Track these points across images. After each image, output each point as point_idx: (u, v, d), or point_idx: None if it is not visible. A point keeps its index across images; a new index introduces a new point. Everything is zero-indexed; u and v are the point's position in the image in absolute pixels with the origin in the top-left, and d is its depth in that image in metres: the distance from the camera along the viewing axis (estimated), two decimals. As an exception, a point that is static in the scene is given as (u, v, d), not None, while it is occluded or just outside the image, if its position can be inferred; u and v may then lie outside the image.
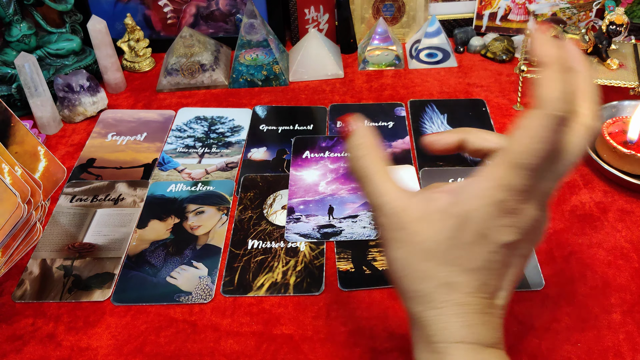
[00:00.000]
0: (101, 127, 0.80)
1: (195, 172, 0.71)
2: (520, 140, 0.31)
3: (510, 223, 0.32)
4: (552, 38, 0.32)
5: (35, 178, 0.50)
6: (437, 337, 0.33)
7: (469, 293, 0.33)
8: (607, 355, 0.49)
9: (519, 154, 0.31)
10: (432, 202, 0.34)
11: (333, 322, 0.53)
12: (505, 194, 0.31)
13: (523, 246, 0.34)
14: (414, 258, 0.34)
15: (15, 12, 0.81)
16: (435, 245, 0.33)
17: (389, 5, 0.94)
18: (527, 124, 0.31)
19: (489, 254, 0.33)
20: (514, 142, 0.31)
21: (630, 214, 0.62)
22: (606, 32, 0.73)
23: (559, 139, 0.31)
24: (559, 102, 0.30)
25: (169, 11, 0.94)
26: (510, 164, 0.31)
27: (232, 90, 0.87)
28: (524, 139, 0.31)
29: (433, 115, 0.79)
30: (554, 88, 0.30)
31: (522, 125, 0.31)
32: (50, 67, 0.85)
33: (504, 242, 0.33)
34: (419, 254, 0.34)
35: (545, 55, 0.31)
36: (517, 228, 0.33)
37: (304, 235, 0.61)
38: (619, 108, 0.72)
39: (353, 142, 0.38)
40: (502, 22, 0.94)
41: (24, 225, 0.46)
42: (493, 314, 0.34)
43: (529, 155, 0.30)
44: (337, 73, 0.88)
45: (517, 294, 0.54)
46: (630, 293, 0.54)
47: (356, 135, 0.38)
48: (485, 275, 0.33)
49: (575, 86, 0.32)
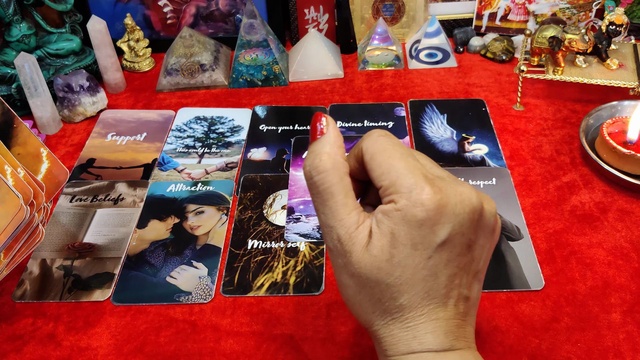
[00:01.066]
0: (101, 127, 0.80)
1: (195, 172, 0.71)
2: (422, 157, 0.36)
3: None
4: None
5: (37, 180, 0.50)
6: (390, 351, 0.34)
7: (416, 308, 0.34)
8: (607, 355, 0.49)
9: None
10: (370, 230, 0.35)
11: (333, 322, 0.53)
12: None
13: (463, 237, 0.34)
14: (359, 286, 0.35)
15: (15, 12, 0.81)
16: (376, 271, 0.34)
17: (388, 6, 0.94)
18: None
19: (427, 260, 0.33)
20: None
21: (630, 214, 0.62)
22: (606, 32, 0.73)
23: None
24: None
25: (168, 11, 0.94)
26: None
27: (232, 90, 0.87)
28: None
29: (433, 115, 0.79)
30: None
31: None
32: (50, 67, 0.85)
33: (438, 243, 0.33)
34: (363, 281, 0.34)
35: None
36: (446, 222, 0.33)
37: (303, 235, 0.61)
38: (618, 108, 0.72)
39: (319, 149, 0.36)
40: (502, 22, 0.94)
41: (26, 227, 0.46)
42: (447, 317, 0.34)
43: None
44: (337, 73, 0.88)
45: (517, 294, 0.54)
46: (630, 293, 0.54)
47: (324, 142, 0.36)
48: (430, 282, 0.33)
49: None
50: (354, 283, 0.35)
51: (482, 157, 0.71)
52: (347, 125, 0.77)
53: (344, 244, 0.34)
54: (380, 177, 0.34)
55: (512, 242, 0.59)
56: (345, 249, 0.34)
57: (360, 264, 0.34)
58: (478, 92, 0.83)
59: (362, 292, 0.35)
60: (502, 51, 0.90)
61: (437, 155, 0.71)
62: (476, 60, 0.92)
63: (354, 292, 0.35)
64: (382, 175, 0.34)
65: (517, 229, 0.61)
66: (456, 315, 0.35)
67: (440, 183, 0.34)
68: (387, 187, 0.34)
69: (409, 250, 0.33)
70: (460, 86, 0.85)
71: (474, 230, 0.34)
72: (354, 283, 0.35)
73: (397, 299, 0.34)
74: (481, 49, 0.93)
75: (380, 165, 0.35)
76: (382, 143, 0.36)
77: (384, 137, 0.36)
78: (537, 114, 0.78)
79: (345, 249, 0.34)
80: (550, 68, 0.76)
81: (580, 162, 0.70)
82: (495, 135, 0.74)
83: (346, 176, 0.36)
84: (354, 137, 0.74)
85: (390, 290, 0.34)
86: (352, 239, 0.34)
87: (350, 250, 0.34)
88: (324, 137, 0.36)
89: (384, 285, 0.34)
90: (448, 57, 0.90)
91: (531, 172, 0.68)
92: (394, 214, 0.33)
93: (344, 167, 0.36)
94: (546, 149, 0.72)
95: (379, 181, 0.34)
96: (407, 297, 0.34)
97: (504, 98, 0.82)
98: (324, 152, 0.35)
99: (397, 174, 0.34)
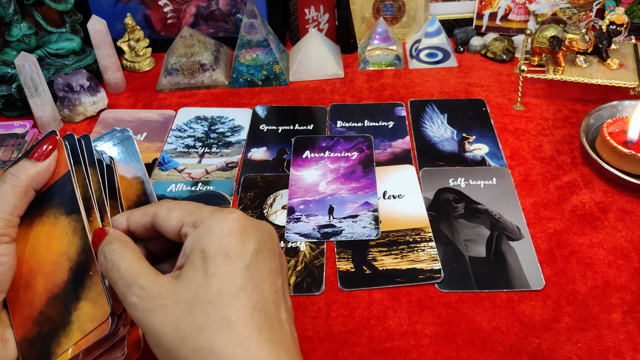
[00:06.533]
0: (101, 127, 0.80)
1: (196, 172, 0.71)
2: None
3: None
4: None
5: None
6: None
7: (244, 326, 0.32)
8: (607, 355, 0.49)
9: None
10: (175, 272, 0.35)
11: (333, 322, 0.53)
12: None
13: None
14: (169, 331, 0.33)
15: (15, 12, 0.81)
16: (194, 289, 0.33)
17: (389, 5, 0.94)
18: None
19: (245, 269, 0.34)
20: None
21: (630, 214, 0.62)
22: (606, 32, 0.73)
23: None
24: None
25: (169, 11, 0.94)
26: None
27: (232, 90, 0.87)
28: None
29: (433, 115, 0.79)
30: None
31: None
32: (50, 67, 0.85)
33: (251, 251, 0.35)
34: (174, 321, 0.33)
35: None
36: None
37: (304, 235, 0.61)
38: (619, 108, 0.72)
39: (107, 248, 0.37)
40: (502, 22, 0.94)
41: (109, 338, 0.40)
42: (277, 328, 0.34)
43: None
44: (337, 73, 0.88)
45: (518, 294, 0.54)
46: (631, 293, 0.54)
47: (110, 242, 0.37)
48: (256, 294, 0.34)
49: None
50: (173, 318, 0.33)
51: (482, 156, 0.71)
52: (348, 125, 0.77)
53: (151, 287, 0.34)
54: (178, 222, 0.37)
55: (512, 242, 0.59)
56: (153, 290, 0.34)
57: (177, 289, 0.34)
58: (478, 92, 0.83)
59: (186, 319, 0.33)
60: (502, 51, 0.90)
61: (438, 155, 0.71)
62: (476, 60, 0.91)
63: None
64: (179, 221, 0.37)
65: (517, 229, 0.61)
66: (285, 328, 0.35)
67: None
68: (186, 224, 0.36)
69: (221, 259, 0.34)
70: (460, 86, 0.85)
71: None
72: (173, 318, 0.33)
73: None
74: (481, 49, 0.93)
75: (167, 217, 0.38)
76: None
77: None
78: (537, 114, 0.78)
79: (153, 290, 0.34)
80: (551, 68, 0.76)
81: (581, 162, 0.70)
82: (495, 135, 0.74)
83: (131, 242, 0.38)
84: (354, 137, 0.74)
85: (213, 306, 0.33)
86: (157, 279, 0.35)
87: (159, 285, 0.34)
88: (110, 237, 0.38)
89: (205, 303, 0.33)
90: (448, 57, 0.90)
91: (531, 172, 0.68)
92: (200, 230, 0.35)
93: (134, 249, 0.37)
94: (546, 148, 0.72)
95: (178, 227, 0.37)
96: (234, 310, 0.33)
97: (505, 98, 0.82)
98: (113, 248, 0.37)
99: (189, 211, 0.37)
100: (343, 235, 0.61)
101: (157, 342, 0.33)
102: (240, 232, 0.35)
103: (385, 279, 0.56)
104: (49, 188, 0.42)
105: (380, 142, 0.74)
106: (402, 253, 0.59)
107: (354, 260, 0.58)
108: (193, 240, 0.35)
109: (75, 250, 0.40)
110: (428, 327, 0.52)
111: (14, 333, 0.40)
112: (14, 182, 0.39)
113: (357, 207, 0.64)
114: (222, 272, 0.33)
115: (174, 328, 0.33)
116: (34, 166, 0.40)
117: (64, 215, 0.41)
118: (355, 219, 0.63)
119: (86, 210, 0.40)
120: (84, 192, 0.41)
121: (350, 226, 0.62)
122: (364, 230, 0.61)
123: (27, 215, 0.41)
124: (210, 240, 0.34)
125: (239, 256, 0.34)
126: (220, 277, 0.33)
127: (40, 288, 0.40)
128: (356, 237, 0.61)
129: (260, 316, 0.33)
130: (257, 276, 0.34)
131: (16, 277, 0.40)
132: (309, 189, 0.67)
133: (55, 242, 0.40)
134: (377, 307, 0.54)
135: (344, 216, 0.63)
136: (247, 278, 0.33)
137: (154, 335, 0.33)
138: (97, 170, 0.42)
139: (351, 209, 0.64)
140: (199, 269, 0.33)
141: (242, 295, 0.33)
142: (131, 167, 0.46)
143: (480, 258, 0.58)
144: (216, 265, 0.33)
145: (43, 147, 0.41)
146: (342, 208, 0.64)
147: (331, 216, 0.63)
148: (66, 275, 0.39)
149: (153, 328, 0.33)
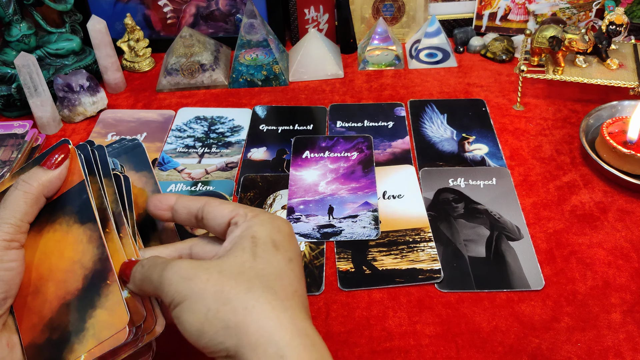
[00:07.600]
0: (101, 127, 0.80)
1: (195, 172, 0.71)
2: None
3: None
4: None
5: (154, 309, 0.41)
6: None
7: (287, 299, 0.35)
8: (607, 355, 0.49)
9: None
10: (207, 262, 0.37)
11: (333, 322, 0.53)
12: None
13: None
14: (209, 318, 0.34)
15: (15, 12, 0.81)
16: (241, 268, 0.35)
17: (388, 5, 0.94)
18: None
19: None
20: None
21: (630, 214, 0.62)
22: (606, 32, 0.73)
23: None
24: None
25: (168, 11, 0.94)
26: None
27: (232, 90, 0.87)
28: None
29: (433, 115, 0.79)
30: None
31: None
32: (50, 67, 0.85)
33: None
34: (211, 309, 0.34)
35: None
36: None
37: (304, 235, 0.61)
38: (618, 108, 0.72)
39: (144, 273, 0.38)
40: (502, 22, 0.94)
41: (128, 346, 0.40)
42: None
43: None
44: (337, 73, 0.88)
45: (518, 294, 0.54)
46: (631, 293, 0.54)
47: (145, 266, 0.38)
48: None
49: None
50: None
51: (482, 157, 0.71)
52: (347, 125, 0.77)
53: (192, 264, 0.36)
54: (231, 212, 0.39)
55: (512, 242, 0.59)
56: (194, 263, 0.36)
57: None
58: (478, 92, 0.83)
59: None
60: (502, 51, 0.90)
61: (437, 155, 0.71)
62: (476, 60, 0.92)
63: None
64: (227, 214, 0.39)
65: (517, 229, 0.61)
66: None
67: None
68: (239, 214, 0.38)
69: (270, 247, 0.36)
70: (460, 86, 0.85)
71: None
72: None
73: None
74: (481, 49, 0.93)
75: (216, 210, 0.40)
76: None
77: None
78: (537, 114, 0.78)
79: (194, 263, 0.36)
80: (550, 68, 0.76)
81: (581, 162, 0.70)
82: (495, 135, 0.74)
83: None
84: (354, 137, 0.74)
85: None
86: (200, 261, 0.37)
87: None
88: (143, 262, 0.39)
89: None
90: (448, 57, 0.90)
91: (531, 172, 0.68)
92: (254, 221, 0.38)
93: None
94: (546, 148, 0.72)
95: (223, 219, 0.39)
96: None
97: (504, 98, 0.82)
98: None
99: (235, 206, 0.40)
100: (343, 235, 0.61)
101: (192, 307, 0.34)
102: (288, 234, 0.38)
103: (385, 279, 0.56)
104: (61, 196, 0.42)
105: (380, 142, 0.74)
106: (402, 253, 0.59)
107: (354, 260, 0.58)
108: (245, 228, 0.37)
109: (91, 259, 0.40)
110: (428, 327, 0.52)
111: (20, 339, 0.40)
112: (25, 188, 0.40)
113: (357, 207, 0.64)
114: (269, 256, 0.36)
115: (216, 291, 0.34)
116: (45, 174, 0.41)
117: (77, 224, 0.41)
118: (355, 219, 0.63)
119: (102, 221, 0.40)
120: (99, 202, 0.41)
121: (350, 226, 0.62)
122: (363, 230, 0.61)
123: (37, 222, 0.41)
124: (262, 230, 0.37)
125: (286, 249, 0.37)
126: (268, 260, 0.35)
127: (50, 295, 0.40)
128: (356, 237, 0.61)
129: (300, 300, 0.35)
130: (297, 271, 0.37)
131: (24, 284, 0.40)
132: (309, 189, 0.67)
133: (68, 250, 0.40)
134: (377, 307, 0.54)
135: (344, 216, 0.63)
136: (291, 269, 0.36)
137: (190, 300, 0.34)
138: (112, 181, 0.42)
139: (351, 209, 0.64)
140: (248, 250, 0.36)
141: (285, 278, 0.35)
142: (141, 175, 0.46)
143: (480, 258, 0.58)
144: (265, 250, 0.36)
145: (55, 156, 0.41)
146: (342, 208, 0.64)
147: (331, 216, 0.63)
148: (80, 282, 0.39)
149: (192, 293, 0.34)
